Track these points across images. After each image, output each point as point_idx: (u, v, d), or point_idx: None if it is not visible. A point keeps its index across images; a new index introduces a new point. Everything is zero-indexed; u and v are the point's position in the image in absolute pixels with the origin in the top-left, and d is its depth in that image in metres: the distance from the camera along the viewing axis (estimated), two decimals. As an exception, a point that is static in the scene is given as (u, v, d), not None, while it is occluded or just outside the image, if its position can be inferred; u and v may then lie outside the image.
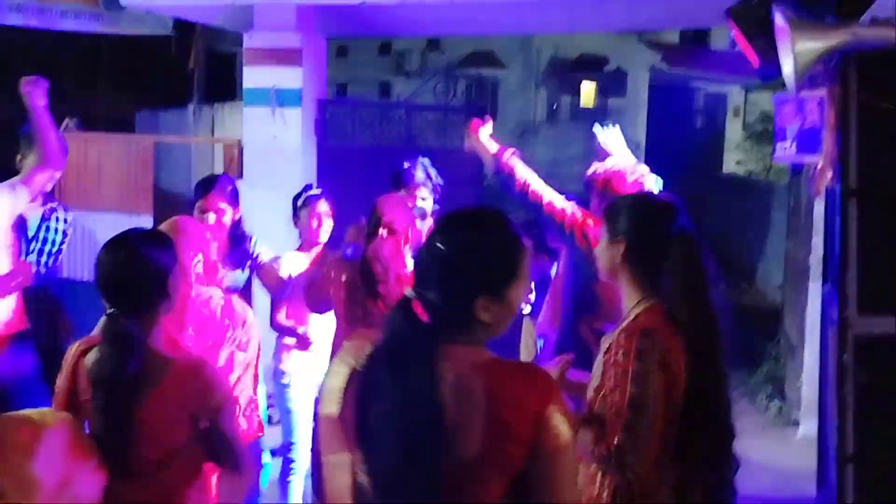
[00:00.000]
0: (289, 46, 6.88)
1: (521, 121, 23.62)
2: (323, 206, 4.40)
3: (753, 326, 9.17)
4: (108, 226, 7.75)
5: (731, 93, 25.34)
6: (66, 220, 4.65)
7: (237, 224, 4.14)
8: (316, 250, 4.41)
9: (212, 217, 3.93)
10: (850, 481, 3.20)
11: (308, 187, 4.60)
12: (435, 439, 1.66)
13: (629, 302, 2.35)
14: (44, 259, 4.52)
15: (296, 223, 4.49)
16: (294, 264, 4.33)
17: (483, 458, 1.68)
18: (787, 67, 3.07)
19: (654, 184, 3.76)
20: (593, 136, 3.86)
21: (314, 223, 4.38)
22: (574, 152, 22.65)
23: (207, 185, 4.06)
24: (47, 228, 4.58)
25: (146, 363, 2.19)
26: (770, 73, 3.73)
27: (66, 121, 8.03)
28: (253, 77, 7.01)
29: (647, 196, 2.70)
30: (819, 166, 3.29)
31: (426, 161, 4.82)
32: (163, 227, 3.02)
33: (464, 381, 1.69)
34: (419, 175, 4.63)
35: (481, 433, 1.67)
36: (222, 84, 13.91)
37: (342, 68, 21.12)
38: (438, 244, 1.75)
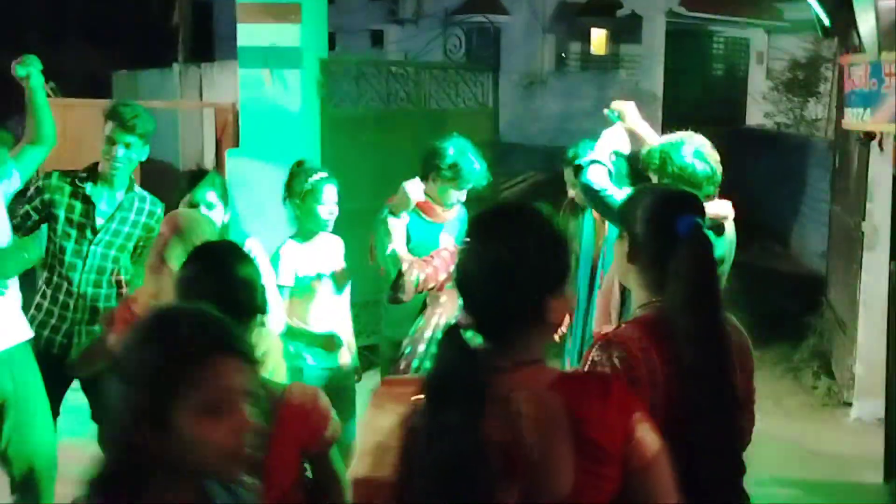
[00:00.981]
0: (286, 0, 6.73)
1: (528, 72, 23.35)
2: (332, 193, 4.18)
3: (792, 295, 9.14)
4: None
5: (753, 38, 25.09)
6: None
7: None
8: (316, 239, 4.24)
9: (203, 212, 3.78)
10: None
11: (307, 167, 4.33)
12: (528, 488, 1.61)
13: (635, 305, 2.33)
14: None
15: (292, 205, 4.22)
16: (299, 258, 4.18)
17: (578, 492, 1.65)
18: (866, 26, 2.97)
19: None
20: (606, 86, 3.73)
21: (325, 213, 4.16)
22: (585, 105, 22.46)
23: (196, 176, 3.97)
24: None
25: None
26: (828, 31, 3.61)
27: (45, 86, 7.88)
28: (247, 35, 6.86)
29: (657, 189, 2.61)
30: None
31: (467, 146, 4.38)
32: (164, 221, 3.01)
33: (544, 409, 1.66)
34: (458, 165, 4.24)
35: (573, 464, 1.64)
36: (212, 42, 13.69)
37: (329, 15, 20.75)
38: (494, 248, 1.75)
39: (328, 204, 4.16)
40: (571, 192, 4.45)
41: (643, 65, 23.14)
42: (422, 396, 1.69)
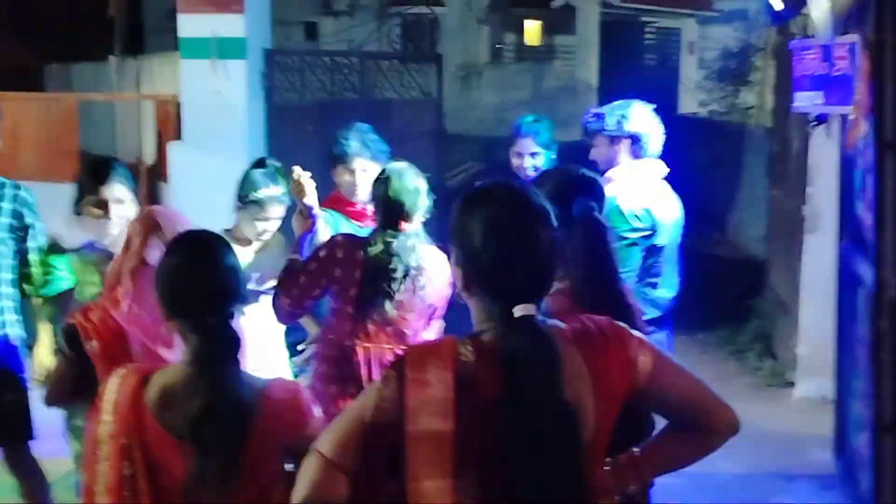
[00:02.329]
0: (229, -10, 6.66)
1: (464, 63, 23.41)
2: (278, 212, 3.74)
3: (732, 280, 9.32)
4: (27, 196, 7.49)
5: (684, 28, 25.51)
6: None
7: None
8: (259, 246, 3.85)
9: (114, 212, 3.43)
10: (889, 451, 3.25)
11: (265, 166, 3.85)
12: (578, 441, 1.74)
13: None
14: None
15: (243, 210, 3.78)
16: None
17: (597, 431, 1.79)
18: (818, 10, 3.05)
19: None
20: (541, 77, 3.76)
21: (262, 228, 3.74)
22: (521, 96, 22.62)
23: (97, 169, 3.50)
24: None
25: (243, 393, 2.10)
26: (783, 15, 3.70)
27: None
28: (189, 25, 6.78)
29: (558, 173, 2.67)
30: (851, 117, 3.28)
31: (364, 127, 4.38)
32: (139, 219, 2.87)
33: (570, 362, 1.76)
34: (353, 146, 4.09)
35: (594, 410, 1.78)
36: (142, 34, 13.37)
37: (265, 8, 20.48)
38: (527, 219, 1.81)
39: (268, 221, 3.77)
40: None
41: (578, 55, 23.38)
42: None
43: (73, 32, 17.02)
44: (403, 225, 3.34)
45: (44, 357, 3.65)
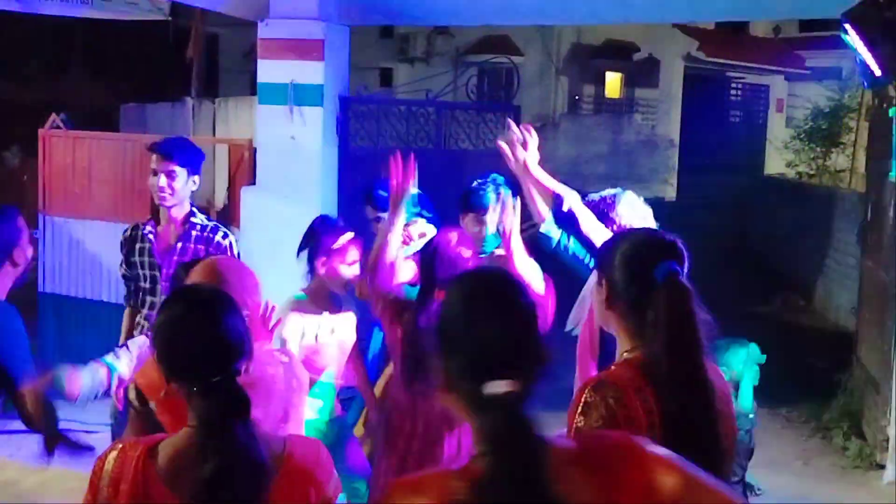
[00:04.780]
0: (309, 37, 6.84)
1: (540, 114, 23.54)
2: (355, 254, 4.11)
3: (818, 352, 9.14)
4: (98, 235, 7.73)
5: (773, 85, 25.36)
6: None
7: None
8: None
9: None
10: None
11: (330, 222, 4.28)
12: None
13: (619, 351, 2.36)
14: None
15: (310, 265, 4.14)
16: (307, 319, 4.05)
17: None
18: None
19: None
20: (620, 130, 3.78)
21: (348, 274, 4.07)
22: (598, 149, 22.65)
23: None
24: None
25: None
26: (881, 80, 3.69)
27: (54, 117, 7.99)
28: (268, 71, 6.98)
29: (635, 234, 2.62)
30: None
31: (500, 179, 4.68)
32: (201, 270, 2.85)
33: (579, 492, 1.66)
34: (490, 198, 4.50)
35: None
36: (217, 76, 13.75)
37: (340, 54, 20.95)
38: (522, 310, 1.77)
39: (353, 265, 4.08)
40: None
41: (659, 109, 23.40)
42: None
43: (151, 72, 17.61)
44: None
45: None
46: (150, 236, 4.51)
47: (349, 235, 4.13)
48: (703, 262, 3.80)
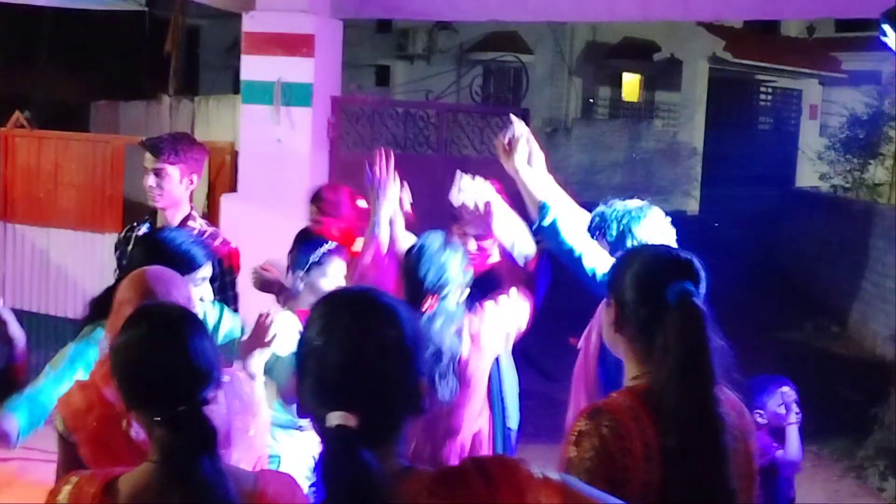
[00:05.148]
0: (298, 31, 6.88)
1: (551, 118, 23.63)
2: (341, 267, 4.15)
3: (852, 383, 9.14)
4: (64, 245, 7.74)
5: (806, 89, 25.43)
6: None
7: None
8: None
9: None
10: None
11: (310, 233, 4.37)
12: None
13: (627, 377, 2.36)
14: None
15: (295, 277, 4.17)
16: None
17: None
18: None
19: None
20: (638, 137, 3.76)
21: (326, 287, 4.02)
22: (614, 157, 22.70)
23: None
24: None
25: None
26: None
27: (17, 115, 8.02)
28: (253, 67, 7.00)
29: (648, 251, 2.61)
30: None
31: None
32: (130, 283, 2.82)
33: None
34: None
35: None
36: (197, 73, 13.79)
37: (333, 50, 20.97)
38: (381, 332, 1.78)
39: (334, 280, 4.11)
40: None
41: (681, 115, 23.46)
42: None
43: (124, 67, 17.63)
44: (429, 302, 3.41)
45: None
46: None
47: (330, 246, 4.17)
48: (726, 283, 3.82)
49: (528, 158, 3.68)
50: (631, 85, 26.05)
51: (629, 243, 3.58)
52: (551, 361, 6.37)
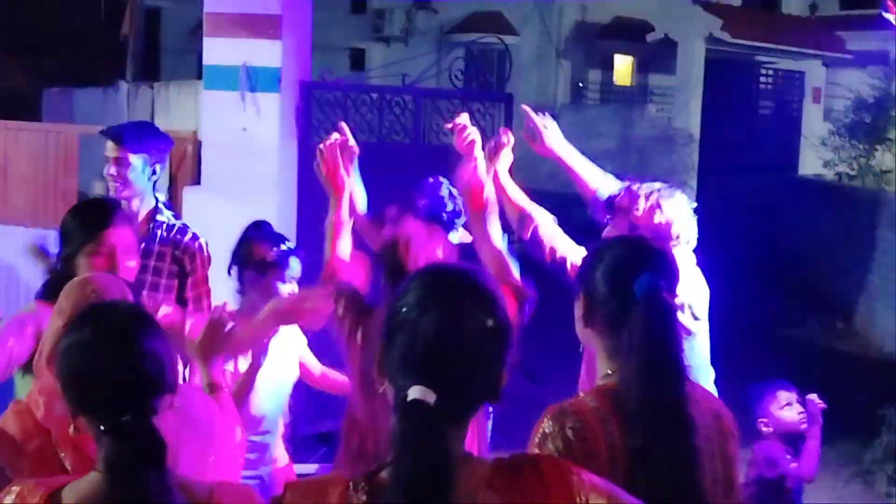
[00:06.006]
0: (265, 12, 6.84)
1: (538, 103, 23.54)
2: (297, 268, 4.14)
3: (859, 383, 9.19)
4: (14, 242, 7.69)
5: (809, 71, 25.49)
6: None
7: None
8: None
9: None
10: None
11: (265, 227, 4.30)
12: None
13: (598, 374, 2.41)
14: None
15: (241, 280, 4.17)
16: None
17: None
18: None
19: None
20: (631, 123, 3.84)
21: (286, 291, 4.07)
22: (606, 145, 22.72)
23: (101, 215, 3.64)
24: None
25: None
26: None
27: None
28: (216, 51, 6.96)
29: (620, 242, 2.67)
30: None
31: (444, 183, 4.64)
32: (68, 293, 2.77)
33: None
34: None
35: None
36: (158, 58, 13.70)
37: (304, 32, 20.96)
38: (475, 312, 1.86)
39: (292, 282, 4.11)
40: None
41: (677, 99, 23.47)
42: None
43: (79, 51, 17.53)
44: None
45: None
46: None
47: (288, 245, 4.16)
48: (725, 277, 3.82)
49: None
50: (623, 68, 26.11)
51: (657, 220, 3.73)
52: (537, 365, 6.38)
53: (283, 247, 4.13)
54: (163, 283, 4.43)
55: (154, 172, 4.50)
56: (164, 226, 4.50)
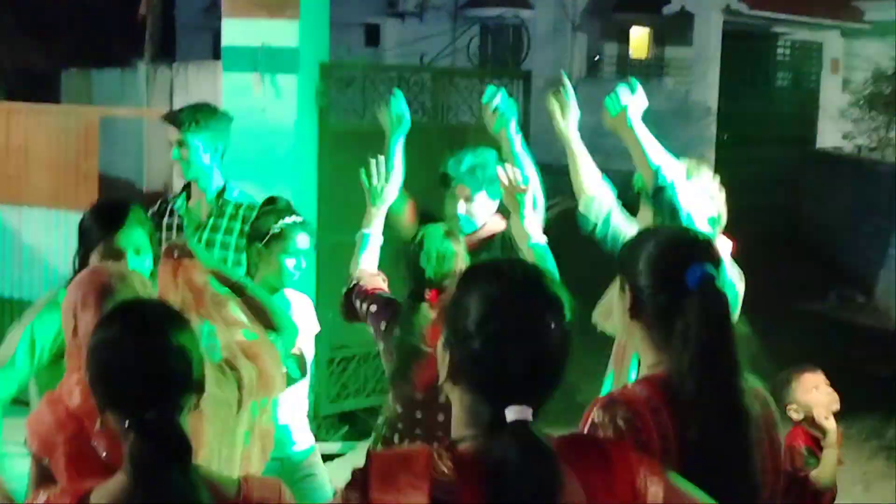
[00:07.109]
0: (283, -8, 6.84)
1: (553, 78, 23.50)
2: (305, 242, 4.16)
3: (880, 357, 9.17)
4: (36, 224, 7.74)
5: (827, 42, 25.29)
6: None
7: None
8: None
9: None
10: None
11: (275, 201, 4.31)
12: None
13: (643, 367, 2.42)
14: None
15: (248, 254, 4.25)
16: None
17: None
18: None
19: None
20: (648, 96, 3.80)
21: (292, 265, 4.10)
22: (622, 119, 22.58)
23: (114, 216, 3.64)
24: None
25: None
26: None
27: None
28: (234, 32, 6.96)
29: (662, 232, 2.62)
30: None
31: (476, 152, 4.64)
32: (80, 282, 2.79)
33: (567, 485, 1.79)
34: (455, 168, 4.43)
35: None
36: (173, 37, 13.61)
37: (319, 8, 20.89)
38: (555, 307, 1.88)
39: (301, 257, 4.13)
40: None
41: (694, 72, 23.32)
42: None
43: (96, 32, 17.50)
44: (431, 295, 3.50)
45: None
46: (181, 211, 4.75)
47: (294, 219, 4.15)
48: (744, 251, 3.82)
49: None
50: (639, 40, 25.91)
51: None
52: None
53: (289, 220, 4.14)
54: (230, 259, 4.58)
55: (217, 151, 4.67)
56: (233, 203, 4.69)
